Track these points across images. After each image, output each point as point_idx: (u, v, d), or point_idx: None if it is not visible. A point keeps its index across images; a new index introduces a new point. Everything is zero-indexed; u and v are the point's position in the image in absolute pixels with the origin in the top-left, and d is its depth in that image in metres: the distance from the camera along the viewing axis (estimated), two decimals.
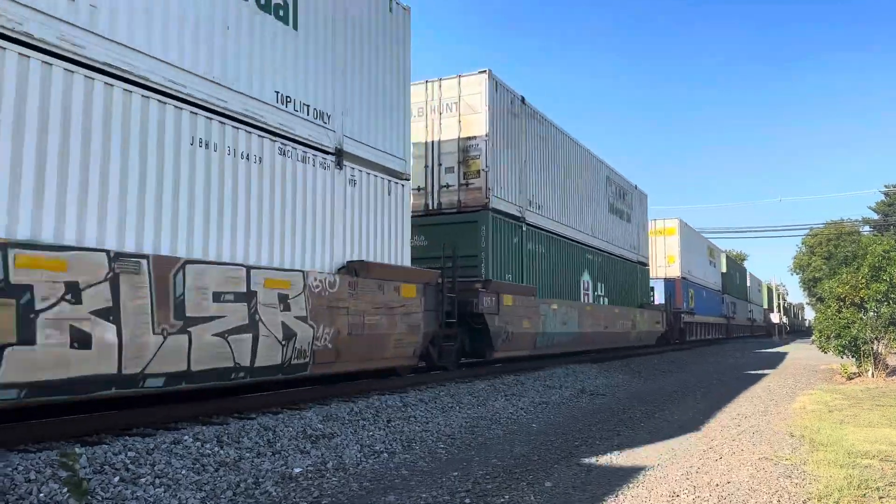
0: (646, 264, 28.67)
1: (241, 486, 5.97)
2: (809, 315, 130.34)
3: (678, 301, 34.12)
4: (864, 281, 18.92)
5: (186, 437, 6.62)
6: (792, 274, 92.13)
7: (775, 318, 70.30)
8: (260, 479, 6.21)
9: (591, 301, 21.33)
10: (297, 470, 6.63)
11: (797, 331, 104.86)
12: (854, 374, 18.43)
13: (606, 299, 23.00)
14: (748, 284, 65.45)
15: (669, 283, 33.47)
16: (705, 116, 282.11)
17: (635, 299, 26.53)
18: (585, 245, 21.30)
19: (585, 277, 21.11)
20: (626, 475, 6.78)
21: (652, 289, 30.86)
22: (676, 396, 13.96)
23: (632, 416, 11.02)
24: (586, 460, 7.45)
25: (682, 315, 34.57)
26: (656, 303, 31.22)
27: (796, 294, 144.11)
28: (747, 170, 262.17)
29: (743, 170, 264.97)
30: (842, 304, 19.92)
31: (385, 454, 7.65)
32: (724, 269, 50.19)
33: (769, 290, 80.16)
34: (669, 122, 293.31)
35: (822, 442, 8.59)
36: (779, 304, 76.39)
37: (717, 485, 6.40)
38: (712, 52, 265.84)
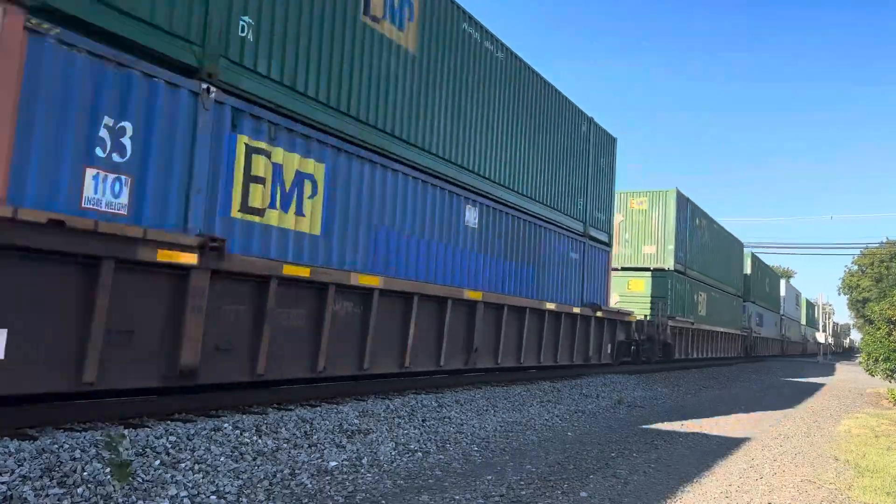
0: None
1: (278, 477, 6.02)
2: (855, 336, 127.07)
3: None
4: None
5: (226, 425, 6.71)
6: (840, 294, 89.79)
7: (821, 337, 68.50)
8: (296, 471, 6.26)
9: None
10: (333, 464, 6.67)
11: (838, 352, 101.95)
12: None
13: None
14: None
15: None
16: (755, 129, 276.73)
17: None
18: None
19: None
20: (664, 490, 6.66)
21: None
22: (717, 412, 13.69)
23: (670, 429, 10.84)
24: (623, 472, 7.35)
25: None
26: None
27: (841, 314, 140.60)
28: (798, 185, 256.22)
29: (793, 184, 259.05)
30: (892, 326, 19.36)
31: (419, 453, 7.65)
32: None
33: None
34: (716, 132, 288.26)
35: (868, 467, 8.34)
36: (824, 324, 74.49)
37: None
38: (762, 65, 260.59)
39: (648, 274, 24.55)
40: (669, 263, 24.70)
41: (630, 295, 24.16)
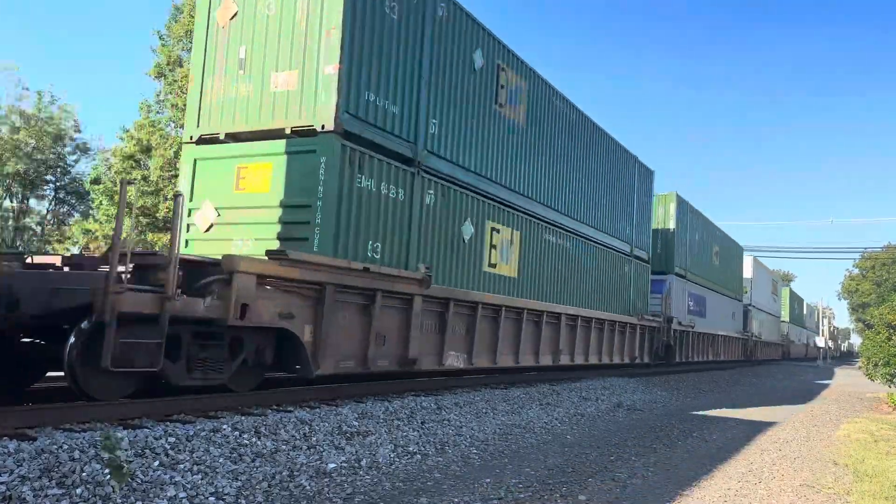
0: None
1: (277, 478, 6.03)
2: (855, 340, 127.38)
3: None
4: None
5: (225, 427, 6.70)
6: (840, 299, 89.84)
7: (820, 341, 68.59)
8: (295, 473, 6.27)
9: None
10: (332, 465, 6.67)
11: (835, 356, 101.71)
12: None
13: None
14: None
15: None
16: (756, 134, 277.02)
17: None
18: None
19: None
20: (662, 494, 6.66)
21: None
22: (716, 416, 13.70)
23: (669, 433, 10.84)
24: (621, 476, 7.34)
25: None
26: None
27: (841, 318, 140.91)
28: (798, 190, 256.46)
29: (793, 189, 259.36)
30: (892, 331, 19.35)
31: (418, 456, 7.65)
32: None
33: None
34: (719, 136, 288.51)
35: (867, 472, 8.33)
36: (823, 329, 74.53)
37: None
38: (765, 69, 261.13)
39: (281, 146, 9.28)
40: (326, 117, 8.91)
41: (243, 201, 9.53)
